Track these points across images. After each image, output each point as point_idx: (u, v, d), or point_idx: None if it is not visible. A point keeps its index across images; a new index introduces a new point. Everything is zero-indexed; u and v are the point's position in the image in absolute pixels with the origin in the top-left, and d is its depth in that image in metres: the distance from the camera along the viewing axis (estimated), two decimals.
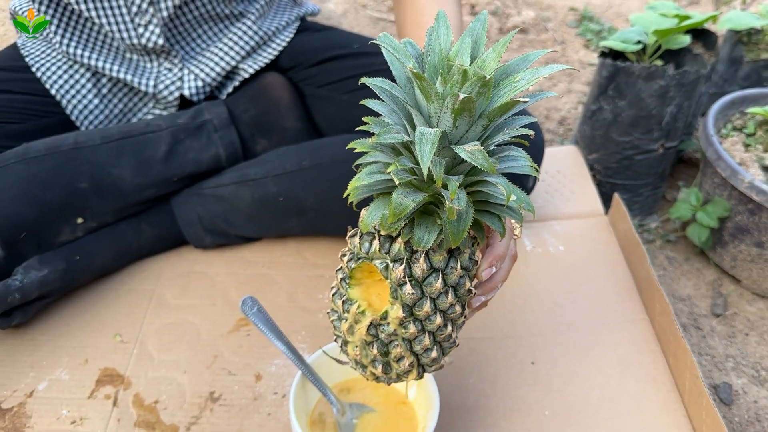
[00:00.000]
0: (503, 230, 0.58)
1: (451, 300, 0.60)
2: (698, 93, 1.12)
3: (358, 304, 0.63)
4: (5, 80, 1.04)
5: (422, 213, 0.57)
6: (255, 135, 1.10)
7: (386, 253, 0.59)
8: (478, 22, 0.57)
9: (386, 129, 0.54)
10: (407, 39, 0.57)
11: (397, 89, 0.55)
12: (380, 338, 0.62)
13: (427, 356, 0.63)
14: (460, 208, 0.51)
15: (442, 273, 0.59)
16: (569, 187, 1.20)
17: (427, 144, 0.48)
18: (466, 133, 0.54)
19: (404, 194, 0.53)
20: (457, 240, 0.55)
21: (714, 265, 1.17)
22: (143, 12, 1.00)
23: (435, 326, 0.61)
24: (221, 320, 0.98)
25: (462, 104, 0.50)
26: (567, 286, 1.04)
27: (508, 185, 0.53)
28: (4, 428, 0.83)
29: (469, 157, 0.49)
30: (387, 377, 0.67)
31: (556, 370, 0.92)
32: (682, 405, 0.87)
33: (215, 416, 0.86)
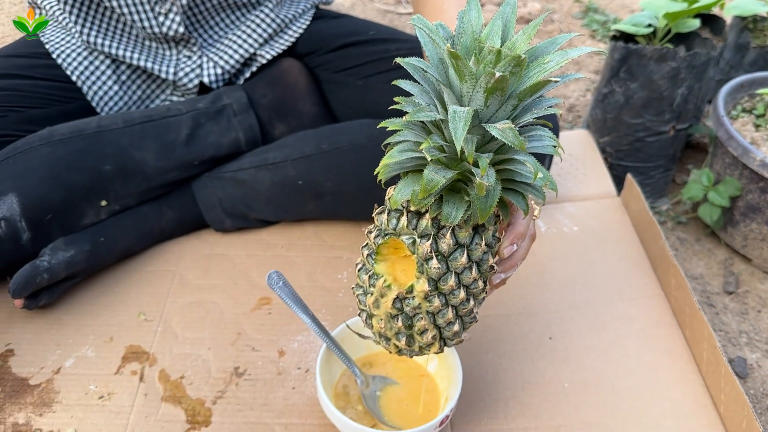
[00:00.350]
0: (527, 208, 0.61)
1: (474, 275, 0.62)
2: (708, 75, 1.14)
3: (384, 278, 0.65)
4: (28, 66, 1.06)
5: (450, 190, 0.60)
6: (273, 119, 1.12)
7: (413, 229, 0.61)
8: (508, 6, 0.59)
9: (420, 108, 0.56)
10: (439, 22, 0.59)
11: (432, 68, 0.57)
12: (405, 311, 0.64)
13: (449, 329, 0.66)
14: (489, 184, 0.53)
15: (467, 249, 0.61)
16: (581, 170, 1.21)
17: (461, 122, 0.50)
18: (496, 112, 0.56)
19: (435, 171, 0.55)
20: (484, 216, 0.57)
21: (725, 245, 1.18)
22: (163, 0, 1.02)
23: (458, 300, 0.63)
24: (243, 299, 1.00)
25: (496, 83, 0.51)
26: (582, 264, 1.06)
27: (536, 163, 0.55)
28: (32, 403, 0.84)
29: (500, 135, 0.51)
30: (410, 350, 0.69)
31: (573, 344, 0.94)
32: (699, 375, 0.89)
33: (241, 390, 0.87)
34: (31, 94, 1.04)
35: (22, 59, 1.07)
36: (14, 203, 0.92)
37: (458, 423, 0.85)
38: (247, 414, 0.84)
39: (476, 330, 0.96)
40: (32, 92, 1.04)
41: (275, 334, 0.95)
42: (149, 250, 1.07)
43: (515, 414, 0.85)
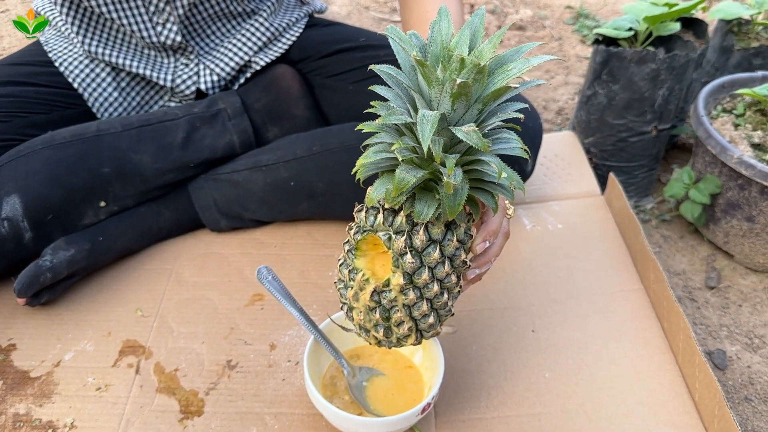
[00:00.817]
0: (496, 206, 0.65)
1: (447, 270, 0.66)
2: (688, 76, 1.17)
3: (363, 272, 0.69)
4: (32, 74, 1.10)
5: (422, 189, 0.63)
6: (266, 123, 1.16)
7: (389, 225, 0.65)
8: (477, 17, 0.63)
9: (391, 111, 0.60)
10: (412, 31, 0.63)
11: (402, 75, 0.61)
12: (382, 304, 0.68)
13: (425, 322, 0.69)
14: (456, 183, 0.57)
15: (440, 244, 0.65)
16: (567, 170, 1.25)
17: (428, 124, 0.54)
18: (463, 116, 0.60)
19: (406, 170, 0.59)
20: (453, 213, 0.60)
21: (708, 241, 1.21)
22: (161, 11, 1.06)
23: (432, 294, 0.67)
24: (237, 295, 1.04)
25: (459, 88, 0.55)
26: (565, 260, 1.09)
27: (500, 164, 0.58)
28: (33, 394, 0.88)
29: (465, 137, 0.55)
30: (388, 341, 0.73)
31: (555, 336, 0.97)
32: (676, 366, 0.91)
33: (232, 382, 0.91)
34: (34, 100, 1.09)
35: (26, 67, 1.11)
36: (17, 204, 0.96)
37: (442, 411, 0.88)
38: (239, 404, 0.88)
39: (462, 323, 0.99)
40: (35, 98, 1.09)
41: (267, 328, 0.99)
42: (147, 249, 1.11)
43: (497, 403, 0.88)
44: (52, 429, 0.84)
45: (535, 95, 1.59)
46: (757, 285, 1.13)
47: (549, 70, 1.67)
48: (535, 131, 1.08)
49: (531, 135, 1.07)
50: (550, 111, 1.55)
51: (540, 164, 1.26)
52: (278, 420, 0.86)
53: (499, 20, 1.86)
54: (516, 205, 1.20)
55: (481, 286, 1.05)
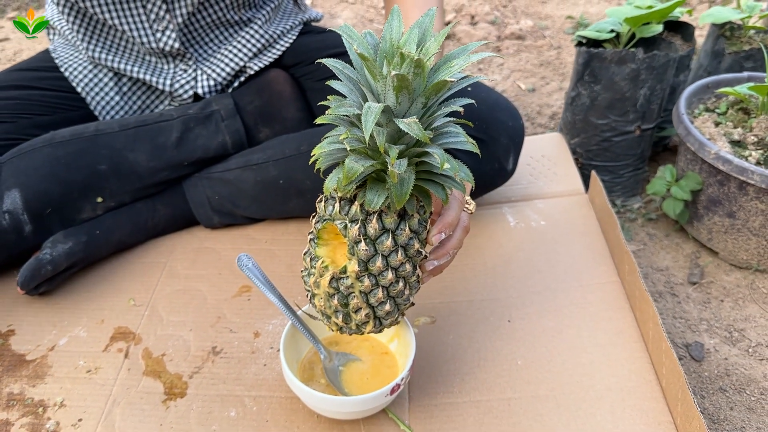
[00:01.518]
0: (446, 197, 0.68)
1: (401, 258, 0.69)
2: (669, 76, 1.20)
3: (322, 260, 0.72)
4: (38, 78, 1.17)
5: (375, 179, 0.67)
6: (258, 124, 1.21)
7: (345, 214, 0.69)
8: (427, 17, 0.67)
9: (341, 103, 0.64)
10: (368, 30, 0.67)
11: (349, 69, 0.65)
12: (341, 290, 0.72)
13: (382, 309, 0.73)
14: (400, 172, 0.60)
15: (393, 233, 0.69)
16: (552, 170, 1.27)
17: (371, 115, 0.58)
18: (408, 109, 0.63)
19: (355, 160, 0.62)
20: (400, 202, 0.64)
21: (693, 239, 1.23)
22: (161, 18, 1.12)
23: (387, 281, 0.70)
24: (226, 287, 1.08)
25: (399, 81, 0.59)
26: (546, 254, 1.11)
27: (444, 155, 0.62)
28: (27, 376, 0.93)
29: (406, 128, 0.58)
30: (348, 327, 0.76)
31: (530, 326, 0.99)
32: (646, 353, 0.93)
33: (216, 366, 0.95)
34: (39, 102, 1.15)
35: (33, 72, 1.18)
36: (17, 198, 1.02)
37: (416, 396, 0.90)
38: (220, 387, 0.92)
39: (441, 313, 1.02)
40: (40, 101, 1.15)
41: (252, 317, 1.02)
42: (143, 244, 1.16)
43: (469, 388, 0.91)
44: (42, 407, 0.89)
45: (530, 101, 1.63)
46: (740, 281, 1.14)
47: (545, 76, 1.70)
48: (515, 130, 1.11)
49: (511, 134, 1.10)
50: (543, 116, 1.58)
51: (527, 164, 1.29)
52: (257, 402, 0.89)
53: (499, 30, 1.90)
54: (501, 204, 1.23)
55: (461, 279, 1.08)
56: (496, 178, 1.13)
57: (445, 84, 0.61)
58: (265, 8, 1.25)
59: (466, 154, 1.07)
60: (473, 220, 1.20)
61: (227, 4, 1.17)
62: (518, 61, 1.75)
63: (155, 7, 1.10)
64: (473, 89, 1.12)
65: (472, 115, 1.09)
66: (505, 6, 2.02)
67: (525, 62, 1.75)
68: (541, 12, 2.03)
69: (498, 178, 1.13)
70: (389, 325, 0.77)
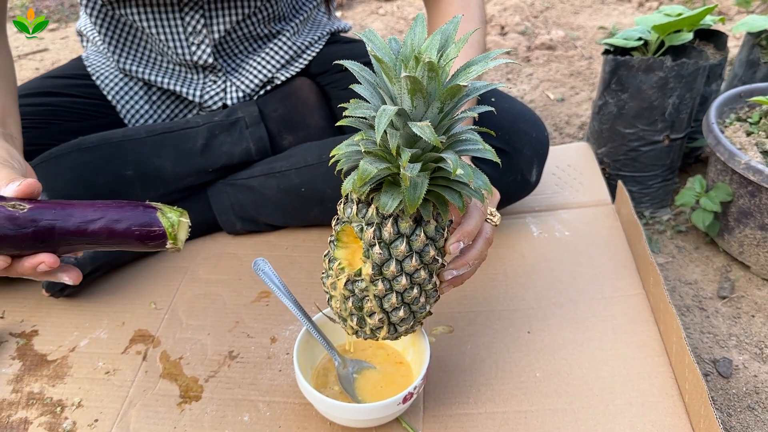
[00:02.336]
0: (462, 205, 0.66)
1: (415, 264, 0.68)
2: (699, 85, 1.17)
3: (339, 261, 0.72)
4: (70, 86, 1.20)
5: (391, 183, 0.66)
6: (282, 131, 1.22)
7: (362, 217, 0.69)
8: (451, 24, 0.66)
9: (357, 105, 0.64)
10: (392, 36, 0.67)
11: (367, 71, 0.65)
12: (355, 293, 0.71)
13: (396, 315, 0.72)
14: (412, 175, 0.60)
15: (408, 238, 0.68)
16: (579, 179, 1.25)
17: (384, 117, 0.57)
18: (424, 113, 0.63)
19: (370, 162, 0.62)
20: (413, 206, 0.63)
21: (723, 252, 1.19)
22: (197, 32, 1.14)
23: (401, 287, 0.69)
24: (245, 292, 1.08)
25: (411, 84, 0.59)
26: (569, 265, 1.09)
27: (457, 161, 0.60)
28: (48, 375, 0.95)
29: (419, 131, 0.58)
30: (363, 331, 0.76)
31: (551, 337, 0.97)
32: (669, 368, 0.90)
33: (232, 371, 0.95)
34: (70, 109, 1.18)
35: (65, 80, 1.21)
36: None
37: (430, 406, 0.89)
38: (235, 391, 0.92)
39: (459, 323, 1.00)
40: (71, 108, 1.18)
41: (270, 323, 1.03)
42: None
43: (485, 399, 0.89)
44: (60, 407, 0.90)
45: (558, 111, 1.61)
46: None
47: (574, 86, 1.68)
48: (539, 142, 1.10)
49: (535, 145, 1.09)
50: (572, 126, 1.56)
51: (552, 174, 1.27)
52: (271, 407, 0.89)
53: (529, 41, 1.89)
54: (525, 213, 1.21)
55: (481, 288, 1.06)
56: (518, 190, 1.12)
57: (459, 89, 0.61)
58: (294, 20, 1.26)
59: (488, 165, 1.06)
60: (496, 231, 1.18)
61: (260, 19, 1.18)
62: (548, 71, 1.74)
63: (193, 20, 1.12)
64: (497, 99, 1.11)
65: (494, 125, 1.08)
66: (536, 17, 2.01)
67: (555, 72, 1.73)
68: (573, 23, 2.01)
69: (520, 190, 1.12)
70: (405, 332, 0.76)
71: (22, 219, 0.64)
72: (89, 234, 0.66)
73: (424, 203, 0.67)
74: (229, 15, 1.14)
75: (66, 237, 0.66)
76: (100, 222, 0.67)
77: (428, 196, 0.66)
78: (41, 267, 0.66)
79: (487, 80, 1.78)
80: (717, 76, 1.28)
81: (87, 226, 0.66)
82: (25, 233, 0.64)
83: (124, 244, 0.68)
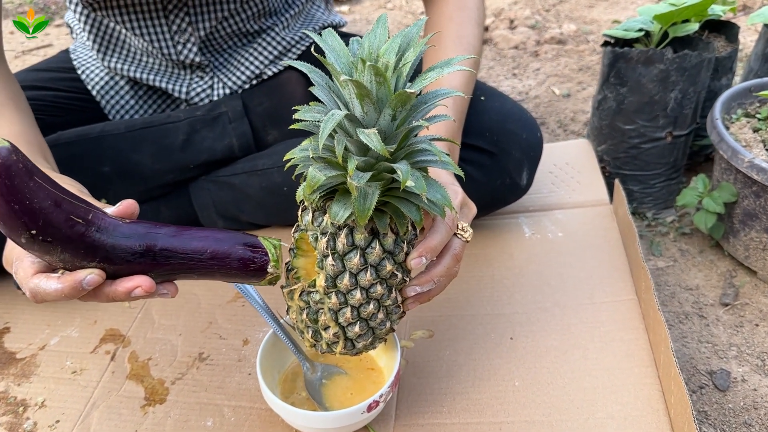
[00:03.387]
0: (420, 219, 0.62)
1: (370, 278, 0.64)
2: (703, 78, 1.10)
3: (296, 270, 0.68)
4: (54, 79, 1.18)
5: (345, 192, 0.62)
6: (267, 126, 1.18)
7: (317, 226, 0.64)
8: (415, 27, 0.62)
9: (310, 108, 0.60)
10: (355, 38, 0.63)
11: (318, 73, 0.61)
12: (310, 305, 0.67)
13: (351, 330, 0.68)
14: (359, 184, 0.55)
15: (362, 251, 0.63)
16: (576, 178, 1.19)
17: (330, 122, 0.53)
18: (377, 121, 0.58)
19: (319, 168, 0.58)
20: (362, 217, 0.58)
21: (728, 256, 1.12)
22: (182, 31, 1.11)
23: (356, 301, 0.65)
24: (221, 292, 1.05)
25: (357, 88, 0.54)
26: (558, 268, 1.03)
27: (408, 171, 0.55)
28: (14, 374, 0.93)
29: (366, 139, 0.53)
30: (319, 345, 0.72)
31: (533, 344, 0.92)
32: (657, 380, 0.84)
33: (200, 373, 0.92)
34: (53, 104, 1.16)
35: (49, 73, 1.19)
36: None
37: (402, 414, 0.85)
38: (201, 395, 0.89)
39: (439, 327, 0.96)
40: (54, 102, 1.16)
41: (244, 324, 0.99)
42: None
43: (460, 409, 0.84)
44: (23, 407, 0.88)
45: (563, 107, 1.54)
46: None
47: (582, 81, 1.61)
48: (530, 144, 1.04)
49: (524, 147, 1.03)
50: (577, 122, 1.49)
51: (549, 172, 1.21)
52: (236, 412, 0.86)
53: (538, 35, 1.82)
54: (517, 213, 1.16)
55: (465, 291, 1.02)
56: (506, 194, 1.06)
57: (408, 96, 0.56)
58: (284, 15, 1.22)
59: (474, 167, 1.01)
60: (486, 230, 1.13)
61: (248, 16, 1.15)
62: (556, 66, 1.67)
63: (177, 19, 1.09)
64: (486, 98, 1.06)
65: (481, 125, 1.03)
66: (548, 10, 1.94)
67: (563, 67, 1.67)
68: (586, 17, 1.94)
69: (509, 194, 1.06)
70: (364, 348, 0.72)
71: (127, 230, 0.60)
72: (192, 252, 0.62)
73: (380, 215, 0.62)
74: (214, 12, 1.10)
75: (168, 253, 0.61)
76: (205, 241, 0.63)
77: (385, 208, 0.62)
78: (137, 291, 0.60)
79: (492, 76, 1.72)
80: (727, 70, 1.21)
81: (190, 243, 0.62)
82: (130, 245, 0.59)
83: (223, 268, 0.64)
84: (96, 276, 0.58)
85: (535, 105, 1.56)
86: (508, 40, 1.76)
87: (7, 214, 0.52)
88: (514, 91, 1.61)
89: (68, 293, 0.58)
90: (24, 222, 0.52)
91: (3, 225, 0.53)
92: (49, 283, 0.59)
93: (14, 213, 0.52)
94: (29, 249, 0.56)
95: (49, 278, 0.59)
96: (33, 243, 0.54)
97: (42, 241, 0.54)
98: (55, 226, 0.54)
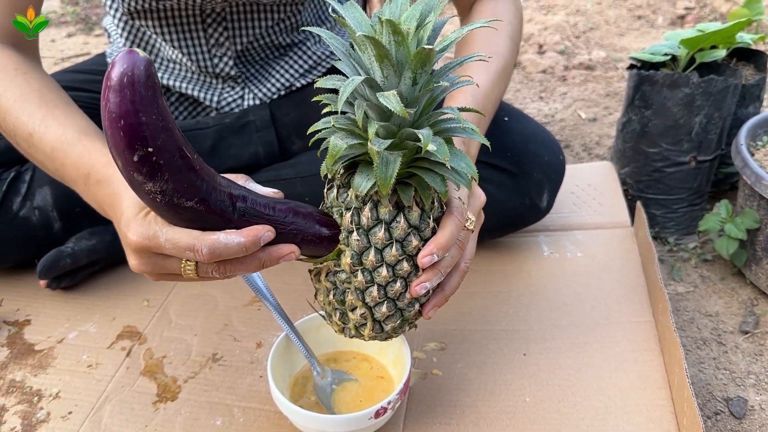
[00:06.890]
0: (445, 190, 0.61)
1: (395, 254, 0.63)
2: (729, 104, 1.09)
3: None
4: (89, 81, 1.22)
5: (368, 163, 0.62)
6: (292, 135, 1.20)
7: (342, 201, 0.65)
8: None
9: (329, 77, 0.61)
10: (377, 11, 0.64)
11: (338, 39, 0.62)
12: (337, 286, 0.67)
13: (379, 311, 0.67)
14: (380, 150, 0.55)
15: (387, 225, 0.63)
16: (598, 200, 1.19)
17: (349, 86, 0.54)
18: (397, 85, 0.59)
19: (340, 137, 0.58)
20: (384, 186, 0.58)
21: (750, 284, 1.10)
22: (220, 44, 1.14)
23: (383, 279, 0.64)
24: (239, 295, 1.06)
25: (375, 47, 0.55)
26: (576, 288, 1.03)
27: (430, 135, 0.56)
28: (32, 365, 0.95)
29: (385, 100, 0.54)
30: (347, 328, 0.71)
31: (546, 361, 0.91)
32: (670, 402, 0.83)
33: (212, 373, 0.93)
34: (85, 105, 1.19)
35: (84, 75, 1.23)
36: (48, 195, 1.05)
37: (410, 424, 0.84)
38: (212, 394, 0.89)
39: (453, 340, 0.96)
40: (87, 104, 1.19)
41: (259, 327, 1.00)
42: None
43: (468, 422, 0.84)
44: (38, 397, 0.89)
45: (589, 130, 1.54)
46: None
47: (608, 107, 1.61)
48: (552, 166, 1.04)
49: (546, 169, 1.03)
50: (602, 146, 1.49)
51: (570, 192, 1.21)
52: (245, 413, 0.86)
53: (567, 60, 1.83)
54: (537, 232, 1.15)
55: (480, 306, 1.01)
56: (526, 215, 1.06)
57: (428, 54, 0.55)
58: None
59: (494, 185, 1.00)
60: (504, 247, 1.13)
61: (283, 29, 1.17)
62: (583, 91, 1.67)
63: (216, 33, 1.11)
64: (510, 119, 1.06)
65: (503, 145, 1.03)
66: (578, 37, 1.95)
67: (590, 92, 1.67)
68: (616, 44, 1.94)
69: (528, 215, 1.06)
70: (393, 332, 0.70)
71: (224, 181, 0.61)
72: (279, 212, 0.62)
73: (405, 187, 0.62)
74: (252, 27, 1.13)
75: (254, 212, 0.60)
76: (288, 205, 0.63)
77: (410, 180, 0.62)
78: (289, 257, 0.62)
79: (519, 98, 1.73)
80: (755, 98, 1.20)
81: (276, 203, 0.62)
82: (226, 194, 0.59)
83: (304, 233, 0.63)
84: (270, 233, 0.59)
85: (561, 128, 1.56)
86: (536, 64, 1.77)
87: (133, 124, 0.49)
88: (540, 113, 1.62)
89: (249, 247, 0.58)
90: (145, 137, 0.50)
91: (123, 136, 0.49)
92: (231, 238, 0.58)
93: (140, 125, 0.49)
94: (135, 171, 0.52)
95: (228, 233, 0.58)
96: (143, 164, 0.51)
97: (154, 163, 0.51)
98: (171, 151, 0.52)
